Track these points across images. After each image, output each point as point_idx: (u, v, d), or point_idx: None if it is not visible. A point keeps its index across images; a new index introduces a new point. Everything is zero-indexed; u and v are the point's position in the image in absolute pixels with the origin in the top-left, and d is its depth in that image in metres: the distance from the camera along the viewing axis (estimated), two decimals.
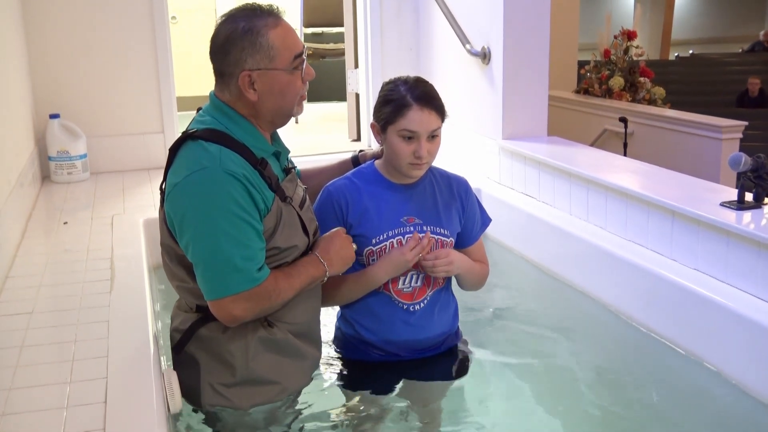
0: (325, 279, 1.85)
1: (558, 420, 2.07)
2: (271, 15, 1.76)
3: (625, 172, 3.03)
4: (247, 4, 1.80)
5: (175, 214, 1.70)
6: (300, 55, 1.77)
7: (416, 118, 1.90)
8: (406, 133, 1.91)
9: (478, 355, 2.24)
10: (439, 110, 1.94)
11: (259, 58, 1.73)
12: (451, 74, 4.10)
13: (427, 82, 1.97)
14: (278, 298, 1.74)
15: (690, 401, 2.19)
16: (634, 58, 6.26)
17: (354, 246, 1.92)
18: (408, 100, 1.90)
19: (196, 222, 1.67)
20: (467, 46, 3.76)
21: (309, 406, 1.95)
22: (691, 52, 13.55)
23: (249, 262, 1.68)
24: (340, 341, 2.13)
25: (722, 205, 2.45)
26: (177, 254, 1.76)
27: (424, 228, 2.00)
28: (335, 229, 1.92)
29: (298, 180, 1.96)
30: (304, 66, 1.79)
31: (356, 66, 4.77)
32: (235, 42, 1.73)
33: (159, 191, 1.82)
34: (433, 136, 1.94)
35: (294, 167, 1.96)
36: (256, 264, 1.69)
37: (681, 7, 17.57)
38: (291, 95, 1.78)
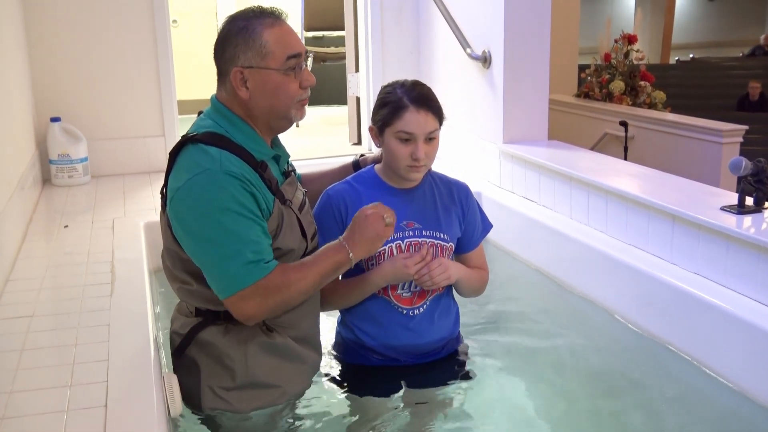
0: (352, 263, 1.80)
1: (558, 424, 2.07)
2: (271, 16, 1.77)
3: (625, 176, 3.03)
4: (251, 6, 1.81)
5: (179, 218, 1.70)
6: (295, 56, 1.76)
7: (413, 119, 1.89)
8: (402, 135, 1.91)
9: (478, 360, 2.24)
10: (436, 112, 1.93)
11: (251, 56, 1.73)
12: (451, 78, 4.10)
13: (424, 85, 1.97)
14: (290, 290, 1.71)
15: (690, 405, 2.19)
16: (635, 62, 6.27)
17: (387, 218, 1.80)
18: (404, 102, 1.90)
19: (201, 224, 1.67)
20: (468, 49, 3.76)
21: (309, 410, 1.95)
22: (691, 56, 13.60)
23: (257, 256, 1.67)
24: (340, 346, 2.13)
25: (723, 209, 2.45)
26: (181, 258, 1.76)
27: (424, 232, 2.00)
28: (371, 204, 1.84)
29: (298, 183, 1.96)
30: (302, 69, 1.79)
31: (357, 70, 4.77)
32: (230, 39, 1.74)
33: (160, 195, 1.82)
34: (431, 139, 1.93)
35: (294, 171, 1.96)
36: (265, 258, 1.69)
37: (681, 11, 17.59)
38: (284, 96, 1.77)
